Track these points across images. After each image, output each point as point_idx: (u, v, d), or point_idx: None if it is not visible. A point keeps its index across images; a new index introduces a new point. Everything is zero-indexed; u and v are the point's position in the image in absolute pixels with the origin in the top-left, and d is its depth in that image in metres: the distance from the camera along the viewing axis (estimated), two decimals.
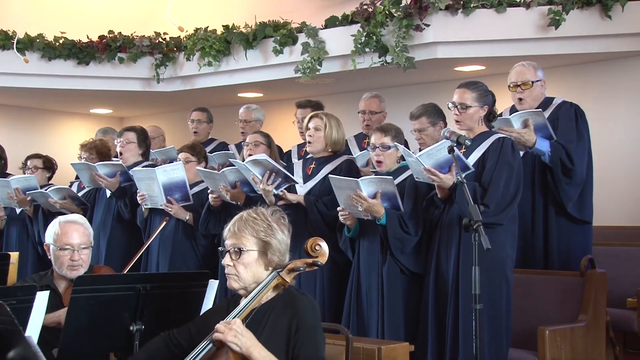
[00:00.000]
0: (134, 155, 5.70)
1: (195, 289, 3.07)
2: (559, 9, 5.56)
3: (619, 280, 4.86)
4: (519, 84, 4.58)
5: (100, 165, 5.56)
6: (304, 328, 2.60)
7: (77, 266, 3.39)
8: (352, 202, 4.16)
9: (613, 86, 6.25)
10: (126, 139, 5.68)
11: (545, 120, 4.42)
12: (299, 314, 2.62)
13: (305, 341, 2.59)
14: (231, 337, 2.53)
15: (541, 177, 4.56)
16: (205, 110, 6.48)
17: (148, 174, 5.17)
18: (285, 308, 2.66)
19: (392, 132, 4.40)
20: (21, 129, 8.69)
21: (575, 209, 4.53)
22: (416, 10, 5.65)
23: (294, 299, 2.68)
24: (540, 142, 4.39)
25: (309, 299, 2.72)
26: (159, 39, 7.33)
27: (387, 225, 4.15)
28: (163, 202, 5.14)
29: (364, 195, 4.13)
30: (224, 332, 2.54)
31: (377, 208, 4.13)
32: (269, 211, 2.77)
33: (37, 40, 7.20)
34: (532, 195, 4.58)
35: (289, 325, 2.61)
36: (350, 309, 4.37)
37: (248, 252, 2.69)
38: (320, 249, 2.79)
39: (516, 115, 4.40)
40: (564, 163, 4.43)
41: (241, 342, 2.53)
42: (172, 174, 5.15)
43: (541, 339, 3.88)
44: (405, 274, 4.25)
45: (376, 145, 4.38)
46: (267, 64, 6.69)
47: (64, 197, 5.83)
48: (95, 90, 7.61)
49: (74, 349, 2.93)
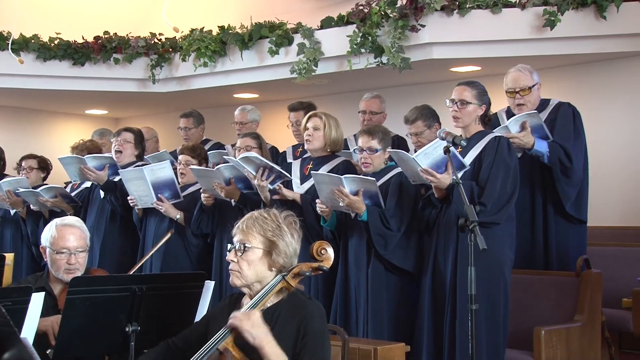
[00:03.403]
0: (130, 155, 5.74)
1: (191, 290, 3.06)
2: (554, 9, 5.57)
3: (614, 280, 4.87)
4: (517, 91, 4.57)
5: (89, 158, 5.55)
6: (311, 333, 2.60)
7: (73, 270, 3.37)
8: (333, 196, 4.22)
9: (608, 87, 6.26)
10: (123, 139, 5.72)
11: (541, 120, 4.43)
12: (306, 319, 2.61)
13: (311, 346, 2.58)
14: (248, 327, 2.53)
15: (540, 176, 4.56)
16: (192, 114, 6.42)
17: (136, 174, 5.20)
18: (293, 313, 2.64)
19: (379, 135, 4.41)
20: (16, 130, 8.67)
21: (573, 208, 4.54)
22: (412, 11, 5.65)
23: (302, 304, 2.67)
24: (538, 144, 4.40)
25: (317, 304, 2.71)
26: (154, 40, 7.31)
27: (369, 221, 4.19)
28: (154, 200, 5.16)
29: (346, 191, 4.17)
30: (241, 320, 2.54)
31: (359, 205, 4.19)
32: (282, 214, 2.76)
33: (32, 41, 7.18)
34: (532, 194, 4.58)
35: (297, 330, 2.60)
36: (337, 308, 4.38)
37: (253, 249, 2.69)
38: (325, 253, 2.78)
39: (513, 120, 4.40)
40: (563, 162, 4.44)
41: (256, 333, 2.53)
42: (160, 173, 5.19)
43: (537, 339, 3.89)
44: (393, 273, 4.26)
45: (363, 148, 4.39)
46: (262, 65, 6.68)
47: (55, 195, 5.83)
48: (90, 91, 7.59)
49: (69, 350, 2.92)
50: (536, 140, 4.40)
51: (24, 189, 5.91)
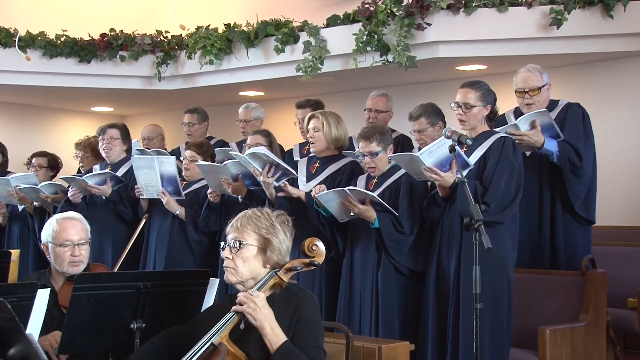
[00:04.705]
0: (119, 152, 5.74)
1: (196, 287, 3.08)
2: (560, 8, 5.56)
3: (619, 280, 4.86)
4: (527, 91, 4.55)
5: (89, 177, 5.54)
6: (304, 319, 2.65)
7: (78, 262, 3.38)
8: (344, 208, 4.24)
9: (614, 86, 6.25)
10: (110, 137, 5.69)
11: (551, 119, 4.41)
12: (299, 307, 2.67)
13: (304, 331, 2.63)
14: (250, 309, 2.59)
15: (549, 175, 4.55)
16: (196, 110, 6.40)
17: (147, 162, 5.22)
18: (287, 304, 2.69)
19: (377, 137, 4.36)
20: (22, 127, 8.70)
21: (582, 208, 4.52)
22: (418, 9, 5.65)
23: (294, 294, 2.72)
24: (548, 142, 4.38)
25: (309, 293, 2.76)
26: (160, 37, 7.33)
27: (381, 228, 4.18)
28: (160, 190, 5.20)
29: (355, 201, 4.17)
30: (244, 303, 2.61)
31: (369, 213, 4.17)
32: (274, 213, 2.82)
33: (39, 38, 7.20)
34: (540, 194, 4.57)
35: (291, 317, 2.65)
36: (341, 307, 4.39)
37: (247, 246, 2.73)
38: (317, 249, 2.83)
39: (522, 119, 4.38)
40: (573, 162, 4.42)
41: (258, 316, 2.59)
42: (164, 167, 5.21)
43: (541, 338, 3.88)
44: (402, 274, 4.26)
45: (364, 153, 4.39)
46: (268, 63, 6.69)
47: (56, 192, 5.85)
48: (96, 89, 7.60)
49: (74, 346, 2.93)
50: (546, 139, 4.38)
51: (25, 185, 5.92)
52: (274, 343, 2.57)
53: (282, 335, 2.59)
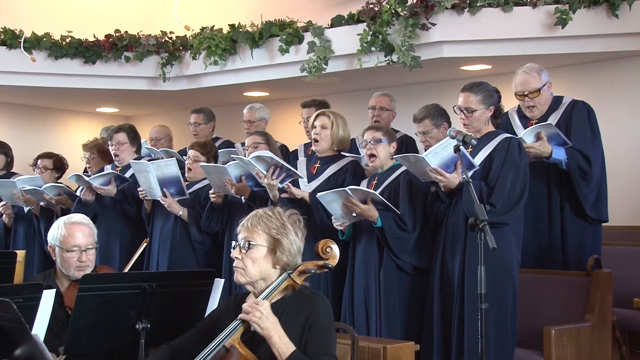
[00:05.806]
0: (129, 154, 5.74)
1: (201, 287, 3.08)
2: (565, 8, 5.55)
3: (625, 280, 4.84)
4: (526, 94, 4.52)
5: (94, 178, 5.56)
6: (317, 325, 2.62)
7: (84, 267, 3.38)
8: (347, 210, 4.22)
9: (619, 85, 6.24)
10: (118, 142, 5.70)
11: (556, 130, 4.37)
12: (312, 312, 2.64)
13: (317, 338, 2.61)
14: (255, 318, 2.56)
15: (557, 175, 4.52)
16: (202, 110, 6.43)
17: (144, 167, 5.23)
18: (299, 307, 2.67)
19: (383, 129, 4.44)
20: (27, 128, 8.72)
21: (592, 210, 4.50)
22: (422, 9, 5.65)
23: (308, 298, 2.70)
24: (556, 151, 4.36)
25: (323, 297, 2.74)
26: (165, 38, 7.34)
27: (383, 226, 4.17)
28: (159, 194, 5.20)
29: (356, 201, 4.16)
30: (249, 312, 2.57)
31: (371, 212, 4.16)
32: (287, 213, 2.78)
33: (44, 39, 7.22)
34: (549, 194, 4.55)
35: (304, 323, 2.63)
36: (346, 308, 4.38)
37: (257, 246, 2.71)
38: (331, 251, 2.79)
39: (527, 132, 4.35)
40: (582, 168, 4.40)
41: (264, 325, 2.56)
42: (166, 170, 5.20)
43: (547, 338, 3.87)
44: (405, 272, 4.25)
45: (368, 140, 4.38)
46: (273, 63, 6.69)
47: (59, 193, 5.87)
48: (101, 89, 7.63)
49: (79, 346, 2.94)
50: (554, 148, 4.35)
51: (30, 187, 5.95)
52: (283, 353, 2.54)
53: (290, 344, 2.56)
